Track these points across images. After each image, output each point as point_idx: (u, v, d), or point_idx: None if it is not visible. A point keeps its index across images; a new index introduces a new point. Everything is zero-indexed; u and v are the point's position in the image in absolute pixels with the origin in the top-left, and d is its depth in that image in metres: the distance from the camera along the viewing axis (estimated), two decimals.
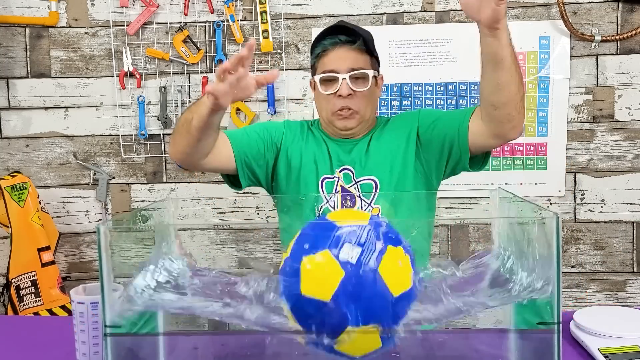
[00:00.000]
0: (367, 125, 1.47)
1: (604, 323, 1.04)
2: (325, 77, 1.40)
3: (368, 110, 1.44)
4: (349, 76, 1.38)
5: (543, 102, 2.15)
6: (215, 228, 1.50)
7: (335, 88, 1.38)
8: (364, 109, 1.42)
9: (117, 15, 2.22)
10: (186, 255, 0.99)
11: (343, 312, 0.70)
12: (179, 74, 2.24)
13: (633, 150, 2.16)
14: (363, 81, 1.40)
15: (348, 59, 1.39)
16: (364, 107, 1.42)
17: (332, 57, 1.40)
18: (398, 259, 0.75)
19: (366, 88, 1.39)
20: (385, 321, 0.72)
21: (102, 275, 0.78)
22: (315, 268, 0.72)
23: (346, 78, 1.37)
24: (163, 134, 2.26)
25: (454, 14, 2.16)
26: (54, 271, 2.08)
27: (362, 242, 0.72)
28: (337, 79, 1.38)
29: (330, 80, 1.40)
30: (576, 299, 2.22)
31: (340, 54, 1.39)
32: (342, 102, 1.39)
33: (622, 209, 2.18)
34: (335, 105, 1.40)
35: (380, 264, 0.72)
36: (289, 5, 2.20)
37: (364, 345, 0.74)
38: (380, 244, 0.73)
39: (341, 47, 1.40)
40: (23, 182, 2.08)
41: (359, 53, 1.40)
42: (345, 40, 1.40)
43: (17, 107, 2.28)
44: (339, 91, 1.38)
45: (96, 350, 0.96)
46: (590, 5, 2.12)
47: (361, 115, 1.42)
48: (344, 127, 1.42)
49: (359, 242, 0.72)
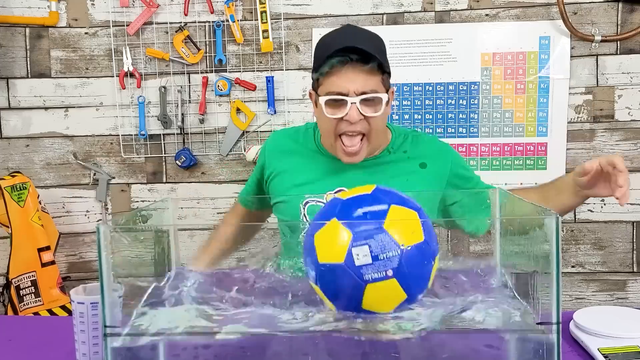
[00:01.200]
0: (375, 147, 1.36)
1: (604, 323, 1.04)
2: (333, 99, 1.25)
3: (379, 134, 1.32)
4: (360, 100, 1.23)
5: (543, 102, 2.15)
6: (215, 228, 1.50)
7: (343, 112, 1.23)
8: (374, 135, 1.29)
9: (117, 15, 2.22)
10: None
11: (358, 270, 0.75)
12: (179, 74, 2.24)
13: (633, 150, 2.16)
14: (374, 105, 1.25)
15: (358, 81, 1.23)
16: (375, 133, 1.28)
17: (341, 77, 1.23)
18: (402, 215, 0.79)
19: (379, 113, 1.25)
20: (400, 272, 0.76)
21: (102, 275, 0.78)
22: (325, 236, 0.78)
23: (356, 102, 1.22)
24: (163, 134, 2.26)
25: (454, 14, 2.16)
26: (54, 271, 2.08)
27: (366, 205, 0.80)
28: (346, 102, 1.23)
29: (336, 102, 1.25)
30: (576, 299, 2.22)
31: (349, 75, 1.23)
32: (350, 127, 1.25)
33: (622, 209, 2.17)
34: (341, 129, 1.26)
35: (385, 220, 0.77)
36: (289, 5, 2.19)
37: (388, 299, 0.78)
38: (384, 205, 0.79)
39: (351, 66, 1.23)
40: (23, 182, 2.08)
41: (371, 74, 1.24)
42: (357, 59, 1.22)
43: (17, 107, 2.28)
44: (348, 116, 1.23)
45: (96, 350, 0.96)
46: (590, 5, 2.12)
47: (370, 142, 1.29)
48: (348, 161, 1.30)
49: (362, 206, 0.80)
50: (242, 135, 2.24)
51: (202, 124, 2.25)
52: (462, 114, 2.17)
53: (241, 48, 2.21)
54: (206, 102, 2.23)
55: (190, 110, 2.25)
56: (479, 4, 2.15)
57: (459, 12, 2.16)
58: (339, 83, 1.23)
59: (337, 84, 1.23)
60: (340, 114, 1.24)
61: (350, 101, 1.22)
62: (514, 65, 2.15)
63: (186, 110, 2.25)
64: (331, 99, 1.24)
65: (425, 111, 2.19)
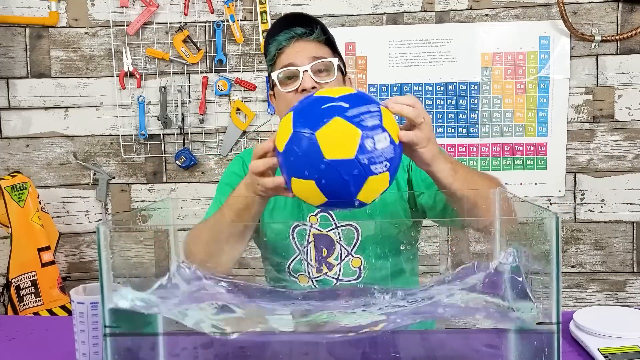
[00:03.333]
0: None
1: (604, 323, 1.04)
2: (284, 73, 1.23)
3: None
4: (311, 67, 1.20)
5: (543, 102, 2.15)
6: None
7: (297, 84, 1.21)
8: None
9: (117, 15, 2.22)
10: None
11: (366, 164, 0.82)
12: (179, 74, 2.24)
13: (633, 150, 2.16)
14: (328, 73, 1.23)
15: (307, 50, 1.23)
16: None
17: (288, 53, 1.24)
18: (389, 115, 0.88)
19: (332, 79, 1.22)
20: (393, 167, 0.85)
21: (102, 275, 0.78)
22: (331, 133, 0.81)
23: (308, 70, 1.20)
24: (163, 134, 2.26)
25: (454, 14, 2.16)
26: (54, 271, 2.08)
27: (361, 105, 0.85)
28: (298, 72, 1.21)
29: (289, 78, 1.23)
30: (576, 299, 2.22)
31: (297, 47, 1.24)
32: None
33: (622, 209, 2.18)
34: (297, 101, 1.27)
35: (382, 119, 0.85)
36: (289, 6, 2.19)
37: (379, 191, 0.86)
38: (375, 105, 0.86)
39: (298, 40, 1.24)
40: (23, 182, 2.08)
41: (320, 44, 1.25)
42: (302, 32, 1.25)
43: (17, 107, 2.28)
44: (302, 85, 1.20)
45: (96, 350, 0.96)
46: (590, 5, 2.12)
47: None
48: None
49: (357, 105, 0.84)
50: (242, 135, 2.24)
51: (202, 124, 2.25)
52: (462, 114, 2.17)
53: (241, 48, 2.21)
54: (206, 102, 2.23)
55: (190, 110, 2.25)
56: (479, 4, 2.15)
57: (459, 12, 2.16)
58: (289, 56, 1.23)
59: (287, 58, 1.24)
60: (294, 87, 1.21)
61: (301, 70, 1.20)
62: (514, 65, 2.15)
63: (186, 110, 2.25)
64: (284, 74, 1.23)
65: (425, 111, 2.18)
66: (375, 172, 0.82)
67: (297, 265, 1.21)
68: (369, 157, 0.82)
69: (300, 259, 1.20)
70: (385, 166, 0.83)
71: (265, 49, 1.31)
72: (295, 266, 1.21)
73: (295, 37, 1.25)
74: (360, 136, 0.82)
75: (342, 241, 1.18)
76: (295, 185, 0.86)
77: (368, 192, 0.84)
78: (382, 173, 0.83)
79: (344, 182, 0.82)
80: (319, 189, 0.83)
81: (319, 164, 0.82)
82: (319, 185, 0.83)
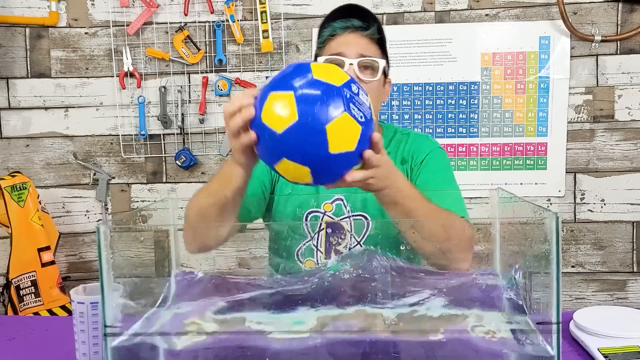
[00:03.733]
0: None
1: (604, 323, 1.04)
2: (330, 60, 1.21)
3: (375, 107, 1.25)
4: (357, 62, 1.21)
5: (543, 102, 2.15)
6: None
7: None
8: None
9: (117, 15, 2.23)
10: None
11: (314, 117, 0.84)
12: (179, 74, 2.24)
13: (633, 150, 2.16)
14: (372, 71, 1.23)
15: (358, 45, 1.23)
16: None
17: (340, 42, 1.24)
18: None
19: (375, 79, 1.23)
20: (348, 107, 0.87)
21: (102, 275, 0.78)
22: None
23: (354, 64, 1.20)
24: (163, 134, 2.26)
25: (454, 14, 2.16)
26: (54, 271, 2.08)
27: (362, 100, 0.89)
28: (343, 64, 1.20)
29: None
30: (576, 299, 2.22)
31: (350, 39, 1.24)
32: None
33: (622, 209, 2.18)
34: None
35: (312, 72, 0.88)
36: (289, 5, 2.20)
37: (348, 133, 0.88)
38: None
39: (352, 32, 1.24)
40: (23, 182, 2.08)
41: (371, 42, 1.25)
42: (358, 26, 1.24)
43: (17, 107, 2.28)
44: None
45: (96, 350, 0.96)
46: (590, 5, 2.12)
47: None
48: None
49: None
50: None
51: (202, 124, 2.25)
52: (462, 114, 2.17)
53: (241, 48, 2.21)
54: (206, 102, 2.23)
55: (190, 110, 2.25)
56: (479, 4, 2.15)
57: (459, 12, 2.16)
58: (339, 45, 1.23)
59: (337, 46, 1.23)
60: None
61: (348, 62, 1.20)
62: (514, 65, 2.15)
63: (186, 110, 2.25)
64: (330, 60, 1.21)
65: (425, 111, 2.19)
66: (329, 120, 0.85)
67: (307, 251, 1.21)
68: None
69: (310, 244, 1.20)
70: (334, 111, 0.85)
71: (319, 32, 1.30)
72: (305, 251, 1.21)
73: (350, 28, 1.24)
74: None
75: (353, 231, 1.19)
76: (284, 166, 0.87)
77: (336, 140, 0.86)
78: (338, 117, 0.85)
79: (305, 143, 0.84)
80: (311, 175, 0.87)
81: (323, 156, 0.85)
82: (313, 172, 0.87)
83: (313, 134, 0.84)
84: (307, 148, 0.84)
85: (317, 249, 1.21)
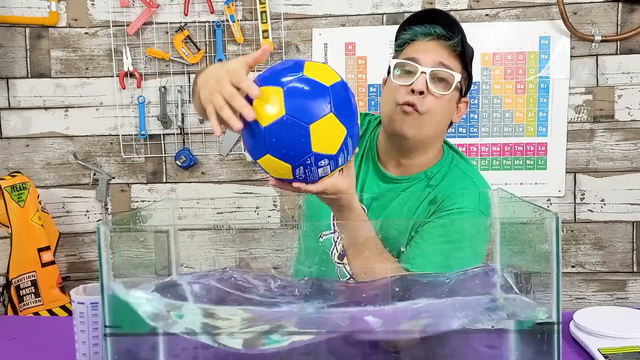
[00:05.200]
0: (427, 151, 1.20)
1: (604, 323, 1.04)
2: (403, 64, 1.16)
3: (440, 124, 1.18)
4: (430, 72, 1.13)
5: (543, 102, 2.15)
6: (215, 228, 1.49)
7: (410, 81, 1.13)
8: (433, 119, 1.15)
9: (117, 15, 2.22)
10: None
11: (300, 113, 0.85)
12: (179, 74, 2.24)
13: (633, 150, 2.16)
14: (445, 85, 1.15)
15: (437, 54, 1.15)
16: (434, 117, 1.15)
17: (418, 48, 1.17)
18: None
19: (447, 93, 1.15)
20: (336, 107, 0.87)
21: (102, 275, 0.78)
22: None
23: (426, 73, 1.13)
24: (163, 134, 2.26)
25: (454, 14, 2.16)
26: (54, 271, 2.08)
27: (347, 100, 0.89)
28: (416, 70, 1.13)
29: (407, 72, 1.15)
30: (576, 299, 2.22)
31: (429, 46, 1.16)
32: (411, 97, 1.13)
33: (622, 209, 2.18)
34: (401, 98, 1.14)
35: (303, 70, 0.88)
36: (289, 5, 2.20)
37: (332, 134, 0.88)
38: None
39: (433, 40, 1.17)
40: (23, 182, 2.08)
41: (452, 54, 1.17)
42: (441, 34, 1.17)
43: (17, 107, 2.28)
44: (413, 85, 1.12)
45: (96, 350, 0.96)
46: (590, 5, 2.12)
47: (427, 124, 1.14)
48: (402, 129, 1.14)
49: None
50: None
51: (202, 124, 2.25)
52: None
53: (241, 48, 2.21)
54: None
55: (190, 110, 2.25)
56: (479, 4, 2.15)
57: (459, 12, 2.16)
58: (416, 51, 1.16)
59: (414, 51, 1.16)
60: (407, 82, 1.14)
61: (420, 70, 1.13)
62: (514, 65, 2.15)
63: (186, 110, 2.25)
64: (403, 65, 1.16)
65: None
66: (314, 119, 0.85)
67: (327, 242, 1.19)
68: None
69: (331, 237, 1.18)
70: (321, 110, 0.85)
71: (398, 32, 1.24)
72: (326, 242, 1.19)
73: (432, 35, 1.17)
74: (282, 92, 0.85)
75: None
76: (266, 161, 0.88)
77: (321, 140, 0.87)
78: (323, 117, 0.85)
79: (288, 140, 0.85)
80: (291, 171, 0.88)
81: (304, 154, 0.86)
82: (293, 170, 0.87)
83: (297, 131, 0.84)
84: (289, 145, 0.85)
85: (336, 246, 1.18)
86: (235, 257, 1.39)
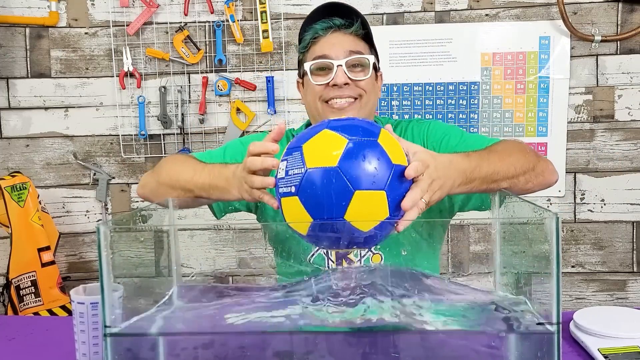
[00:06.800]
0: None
1: (604, 323, 1.04)
2: (317, 65, 1.18)
3: (373, 103, 1.23)
4: (346, 62, 1.16)
5: (543, 102, 2.15)
6: (215, 228, 1.50)
7: (329, 78, 1.16)
8: (366, 99, 1.19)
9: (117, 15, 2.22)
10: None
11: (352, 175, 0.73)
12: (179, 74, 2.24)
13: (633, 150, 2.16)
14: (362, 69, 1.19)
15: (344, 44, 1.18)
16: (367, 97, 1.19)
17: (324, 43, 1.19)
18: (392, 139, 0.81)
19: (367, 77, 1.18)
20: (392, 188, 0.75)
21: (102, 275, 0.78)
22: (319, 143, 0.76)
23: (342, 65, 1.16)
24: (163, 134, 2.26)
25: (454, 14, 2.16)
26: (54, 271, 2.08)
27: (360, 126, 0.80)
28: (332, 66, 1.16)
29: (322, 70, 1.18)
30: (576, 299, 2.22)
31: (333, 39, 1.19)
32: (338, 92, 1.17)
33: (622, 209, 2.18)
34: (328, 95, 1.18)
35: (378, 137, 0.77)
36: (289, 5, 2.20)
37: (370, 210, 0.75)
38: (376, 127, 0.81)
39: (335, 31, 1.19)
40: (23, 182, 2.08)
41: (357, 39, 1.20)
42: (341, 24, 1.19)
43: (17, 107, 2.28)
44: (334, 80, 1.16)
45: (96, 350, 0.96)
46: (590, 5, 2.12)
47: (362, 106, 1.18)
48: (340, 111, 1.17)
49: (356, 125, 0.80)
50: (242, 135, 2.24)
51: (202, 124, 2.25)
52: (462, 114, 2.17)
53: (241, 48, 2.21)
54: (206, 102, 2.23)
55: (190, 110, 2.25)
56: (479, 4, 2.15)
57: (459, 12, 2.16)
58: (324, 47, 1.18)
59: (322, 48, 1.18)
60: (326, 80, 1.17)
61: (336, 64, 1.16)
62: (514, 65, 2.15)
63: (186, 110, 2.25)
64: (316, 65, 1.18)
65: (425, 111, 2.19)
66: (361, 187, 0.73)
67: (318, 259, 1.17)
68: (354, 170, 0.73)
69: (321, 252, 1.16)
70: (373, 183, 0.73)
71: (300, 35, 1.25)
72: (316, 259, 1.17)
73: (333, 28, 1.19)
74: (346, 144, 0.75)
75: None
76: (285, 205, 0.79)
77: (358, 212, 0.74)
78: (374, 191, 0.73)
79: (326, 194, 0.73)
80: (301, 204, 0.75)
81: (300, 174, 0.76)
82: (301, 199, 0.75)
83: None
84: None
85: (329, 257, 1.17)
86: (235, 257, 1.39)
